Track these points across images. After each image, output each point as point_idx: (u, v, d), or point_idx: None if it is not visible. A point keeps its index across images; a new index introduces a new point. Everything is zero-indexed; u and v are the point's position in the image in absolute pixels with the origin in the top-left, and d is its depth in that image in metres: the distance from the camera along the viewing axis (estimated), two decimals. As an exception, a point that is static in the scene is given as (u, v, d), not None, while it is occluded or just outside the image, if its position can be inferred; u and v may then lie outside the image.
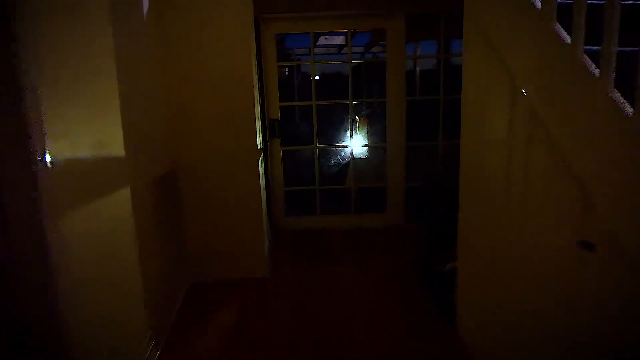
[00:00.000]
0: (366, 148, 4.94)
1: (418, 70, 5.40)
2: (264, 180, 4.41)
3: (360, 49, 7.51)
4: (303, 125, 5.74)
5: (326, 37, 7.70)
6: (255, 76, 3.84)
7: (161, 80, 3.15)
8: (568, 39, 1.50)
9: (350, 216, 4.72)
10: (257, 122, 3.88)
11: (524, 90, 1.81)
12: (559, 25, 1.58)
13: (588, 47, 1.47)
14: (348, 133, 4.72)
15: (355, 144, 4.69)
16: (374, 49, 8.70)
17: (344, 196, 4.78)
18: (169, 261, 3.07)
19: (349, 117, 4.53)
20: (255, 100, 3.53)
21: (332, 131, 5.34)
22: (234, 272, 3.59)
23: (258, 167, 3.45)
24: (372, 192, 4.81)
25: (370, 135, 4.98)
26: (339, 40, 7.48)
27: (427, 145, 4.64)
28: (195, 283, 3.51)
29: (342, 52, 8.06)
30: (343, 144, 5.38)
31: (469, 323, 2.60)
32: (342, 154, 5.66)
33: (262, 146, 4.34)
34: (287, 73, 9.30)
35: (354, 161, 4.64)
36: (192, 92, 3.28)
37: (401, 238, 4.41)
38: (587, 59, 1.43)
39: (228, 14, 3.20)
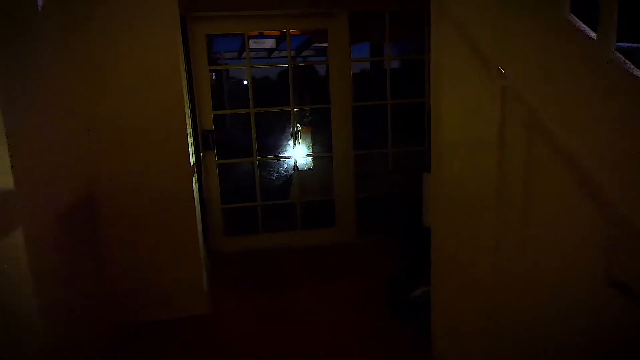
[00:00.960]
0: (311, 158, 4.56)
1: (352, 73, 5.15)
2: (198, 198, 3.90)
3: (290, 53, 7.12)
4: (240, 135, 5.23)
5: (255, 40, 7.27)
6: (184, 82, 3.34)
7: (74, 92, 2.60)
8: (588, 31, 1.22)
9: (296, 233, 4.32)
10: (189, 134, 3.39)
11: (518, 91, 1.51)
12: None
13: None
14: (290, 143, 4.33)
15: (299, 154, 4.29)
16: (305, 53, 8.38)
17: (288, 212, 4.37)
18: (85, 303, 2.51)
19: (291, 125, 4.13)
20: (186, 109, 3.04)
21: (273, 141, 4.91)
22: (169, 311, 3.06)
23: (192, 186, 2.96)
24: (319, 206, 4.44)
25: (314, 145, 4.61)
26: (269, 43, 7.07)
27: (376, 153, 4.36)
28: (124, 325, 2.94)
29: (272, 56, 7.66)
30: (285, 154, 4.96)
31: (447, 353, 2.29)
32: (285, 165, 5.24)
33: (194, 161, 3.84)
34: (214, 78, 8.73)
35: (298, 173, 4.25)
36: (112, 103, 2.74)
37: (356, 255, 4.07)
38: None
39: (150, 11, 2.70)
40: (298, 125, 4.52)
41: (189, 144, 3.08)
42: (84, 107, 2.67)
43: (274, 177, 5.14)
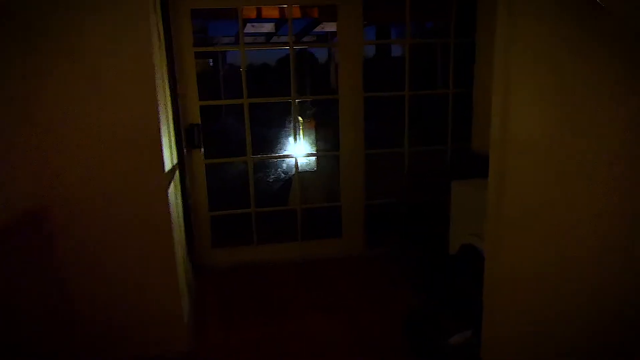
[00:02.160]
0: (314, 158, 3.94)
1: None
2: (181, 204, 3.31)
3: (292, 34, 6.49)
4: (232, 130, 4.57)
5: (253, 24, 6.62)
6: (162, 68, 2.72)
7: (16, 81, 1.99)
8: None
9: (296, 245, 3.72)
10: (168, 130, 2.78)
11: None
12: None
13: None
14: (291, 139, 3.72)
15: (300, 153, 3.67)
16: (305, 39, 7.72)
17: (287, 220, 3.77)
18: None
19: (292, 119, 3.52)
20: (162, 101, 2.44)
21: (270, 138, 4.29)
22: (142, 349, 2.47)
23: (167, 197, 2.34)
24: (323, 214, 3.84)
25: (318, 142, 3.99)
26: (267, 28, 6.42)
27: (390, 153, 3.76)
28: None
29: (271, 41, 7.02)
30: (284, 153, 4.32)
31: None
32: (284, 166, 4.62)
33: (176, 161, 3.24)
34: (211, 64, 8.05)
35: (300, 175, 3.64)
36: (64, 97, 2.11)
37: (366, 273, 3.48)
38: None
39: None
40: (300, 118, 3.91)
41: (167, 143, 2.48)
42: (26, 104, 2.05)
43: (271, 180, 4.51)
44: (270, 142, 4.29)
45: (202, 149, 3.44)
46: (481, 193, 2.58)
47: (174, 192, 2.92)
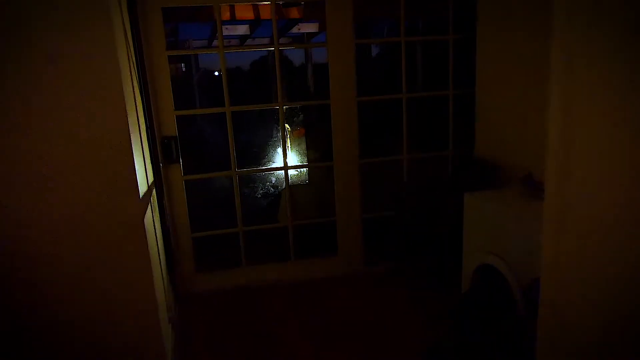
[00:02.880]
0: (305, 169, 3.62)
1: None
2: (159, 227, 2.96)
3: (264, 40, 6.17)
4: (212, 142, 4.21)
5: (227, 27, 6.28)
6: (131, 74, 2.38)
7: None
8: None
9: (288, 265, 3.40)
10: (141, 145, 2.44)
11: None
12: None
13: None
14: (279, 150, 3.40)
15: (290, 164, 3.34)
16: (281, 41, 7.37)
17: (278, 238, 3.44)
18: None
19: (279, 127, 3.19)
20: (133, 113, 2.10)
21: (256, 149, 3.94)
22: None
23: (143, 228, 2.00)
24: (317, 230, 3.52)
25: (309, 151, 3.67)
26: (242, 30, 6.09)
27: (388, 161, 3.46)
28: None
29: (246, 44, 6.67)
30: (273, 166, 3.98)
31: None
32: (273, 179, 4.27)
33: (152, 178, 2.89)
34: (184, 69, 7.63)
35: (290, 189, 3.32)
36: (15, 113, 1.75)
37: (367, 293, 3.17)
38: None
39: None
40: (287, 127, 3.59)
41: (139, 163, 2.14)
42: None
43: (259, 195, 4.16)
44: (256, 153, 3.93)
45: (181, 164, 3.09)
46: (498, 207, 2.31)
47: (150, 214, 2.57)
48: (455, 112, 3.33)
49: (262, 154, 3.88)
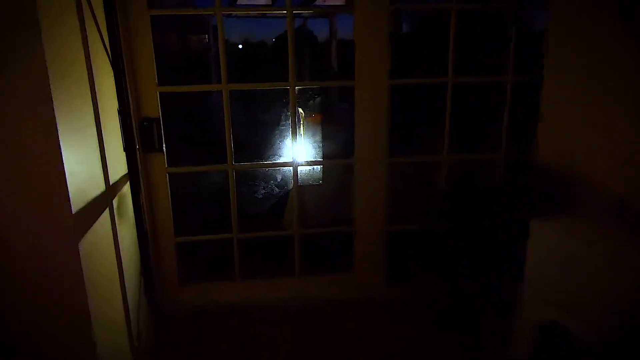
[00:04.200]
0: (319, 167, 2.97)
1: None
2: (133, 226, 2.37)
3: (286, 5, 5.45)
4: (207, 128, 3.50)
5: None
6: (84, 38, 1.76)
7: None
8: None
9: (293, 282, 2.79)
10: (97, 128, 1.83)
11: None
12: None
13: None
14: (288, 141, 2.76)
15: (300, 158, 2.69)
16: (305, 13, 6.63)
17: (282, 248, 2.83)
18: None
19: (289, 112, 2.54)
20: (82, 86, 1.49)
21: (260, 138, 3.27)
22: None
23: (77, 257, 1.39)
24: (329, 241, 2.89)
25: (325, 143, 3.00)
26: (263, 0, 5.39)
27: (421, 163, 2.79)
28: None
29: (267, 15, 5.96)
30: (279, 160, 3.30)
31: None
32: (279, 177, 3.59)
33: (127, 170, 2.30)
34: (207, 41, 6.96)
35: (300, 189, 2.68)
36: None
37: (387, 323, 2.56)
38: None
39: None
40: (300, 111, 2.93)
41: (110, 150, 1.55)
42: None
43: (261, 196, 3.50)
44: (259, 144, 3.24)
45: (165, 153, 2.48)
46: (581, 245, 1.63)
47: (119, 211, 1.98)
48: (512, 106, 2.63)
49: (266, 145, 3.17)
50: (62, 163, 1.31)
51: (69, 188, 1.33)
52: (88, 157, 1.62)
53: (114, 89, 2.20)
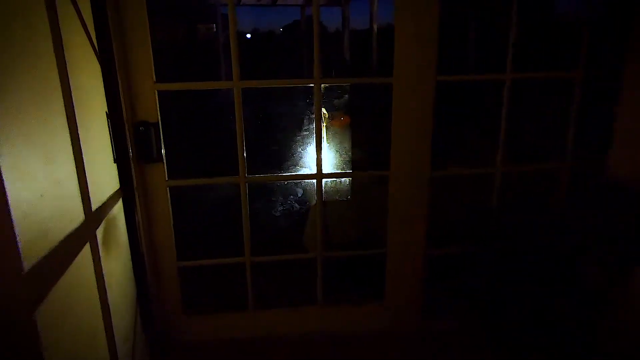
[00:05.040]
0: (347, 180, 2.55)
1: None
2: (127, 251, 1.99)
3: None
4: (215, 133, 3.00)
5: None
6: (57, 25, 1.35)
7: None
8: None
9: (315, 311, 2.39)
10: (92, 134, 1.43)
11: None
12: None
13: None
14: (310, 148, 2.35)
15: (325, 169, 2.26)
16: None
17: (302, 272, 2.43)
18: None
19: (313, 113, 2.11)
20: (52, 83, 1.09)
21: (277, 145, 2.83)
22: None
23: (33, 327, 0.99)
24: (357, 264, 2.49)
25: (354, 151, 2.57)
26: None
27: (469, 175, 2.36)
28: None
29: (278, 3, 5.53)
30: (299, 172, 2.85)
31: None
32: (299, 191, 3.12)
33: (120, 185, 1.91)
34: (214, 30, 6.57)
35: (324, 204, 2.26)
36: None
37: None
38: None
39: None
40: (324, 112, 2.50)
41: (93, 163, 1.15)
42: None
43: (278, 213, 3.05)
44: (275, 152, 2.78)
45: (165, 163, 2.08)
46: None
47: (106, 239, 1.59)
48: (582, 106, 2.19)
49: (284, 153, 2.70)
50: (6, 203, 0.91)
51: (17, 238, 0.93)
52: (55, 183, 1.22)
53: (101, 87, 1.80)
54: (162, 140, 2.03)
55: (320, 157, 2.14)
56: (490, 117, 2.15)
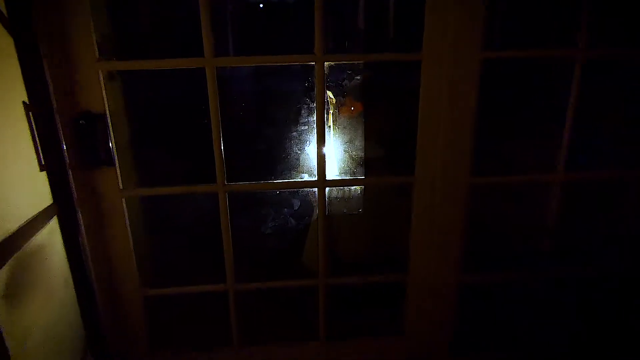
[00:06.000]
0: (358, 187, 2.02)
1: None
2: (63, 288, 1.51)
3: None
4: (189, 127, 2.35)
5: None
6: None
7: None
8: None
9: (317, 348, 1.91)
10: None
11: None
12: None
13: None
14: (310, 147, 1.82)
15: (329, 173, 1.73)
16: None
17: (299, 302, 1.93)
18: None
19: (314, 101, 1.58)
20: None
21: (267, 142, 2.23)
22: None
23: None
24: (370, 292, 1.99)
25: (367, 151, 2.01)
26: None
27: (516, 183, 1.83)
28: None
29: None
30: (298, 178, 2.22)
31: None
32: (297, 202, 2.52)
33: (53, 199, 1.41)
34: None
35: (329, 217, 1.74)
36: None
37: None
38: None
39: None
40: (330, 96, 1.95)
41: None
42: None
43: (269, 231, 2.47)
44: (265, 152, 2.18)
45: (117, 168, 1.57)
46: None
47: (22, 277, 1.11)
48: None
49: (276, 153, 2.10)
50: None
51: None
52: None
53: (16, 68, 1.29)
54: (111, 137, 1.52)
55: (323, 159, 1.62)
56: (545, 109, 1.61)
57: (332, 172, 1.97)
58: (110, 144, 1.53)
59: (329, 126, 1.95)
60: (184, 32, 1.85)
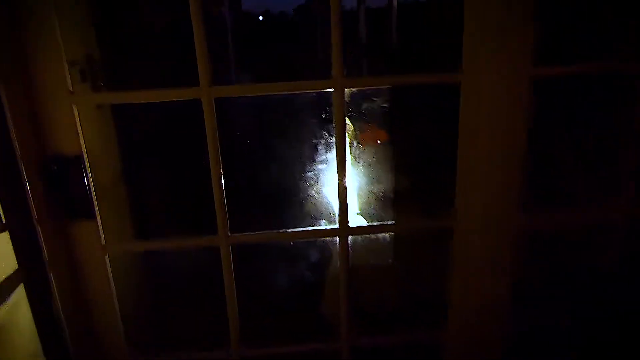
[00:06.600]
0: (387, 235, 1.73)
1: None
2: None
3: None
4: (186, 166, 2.05)
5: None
6: None
7: None
8: None
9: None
10: None
11: None
12: None
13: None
14: (329, 189, 1.56)
15: (351, 214, 1.46)
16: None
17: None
18: None
19: (333, 134, 1.32)
20: None
21: (276, 182, 1.93)
22: None
23: None
24: (402, 353, 1.69)
25: (396, 189, 1.71)
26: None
27: (573, 221, 1.55)
28: None
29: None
30: (315, 226, 1.89)
31: None
32: (313, 254, 2.20)
33: (14, 267, 1.11)
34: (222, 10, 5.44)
35: (352, 274, 1.46)
36: None
37: None
38: None
39: None
40: (349, 124, 1.68)
41: None
42: None
43: (282, 287, 2.12)
44: (274, 194, 1.88)
45: (99, 220, 1.30)
46: None
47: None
48: None
49: (287, 194, 1.79)
50: None
51: None
52: None
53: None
54: (89, 183, 1.26)
55: (345, 203, 1.35)
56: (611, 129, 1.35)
57: (355, 217, 1.68)
58: (89, 192, 1.27)
59: (350, 164, 1.69)
60: (177, 56, 1.61)
